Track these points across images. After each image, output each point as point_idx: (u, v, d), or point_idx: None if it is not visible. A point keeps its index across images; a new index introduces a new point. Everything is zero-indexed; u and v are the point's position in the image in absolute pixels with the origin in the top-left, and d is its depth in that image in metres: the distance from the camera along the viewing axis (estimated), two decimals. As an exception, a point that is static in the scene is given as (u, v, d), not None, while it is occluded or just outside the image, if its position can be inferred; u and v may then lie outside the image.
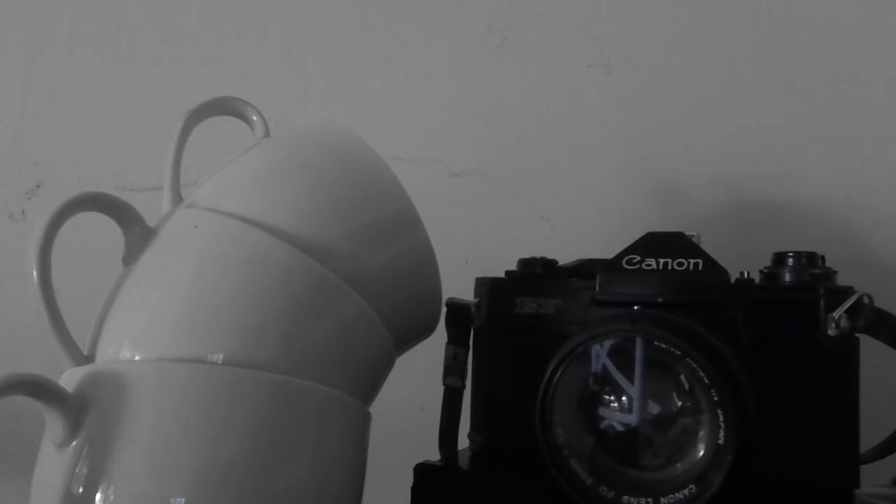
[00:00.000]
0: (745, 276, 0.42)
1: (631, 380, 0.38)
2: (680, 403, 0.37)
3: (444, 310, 0.45)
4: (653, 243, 0.41)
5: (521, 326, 0.44)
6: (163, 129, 0.44)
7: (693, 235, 0.41)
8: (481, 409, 0.46)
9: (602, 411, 0.38)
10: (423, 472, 0.43)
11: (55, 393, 0.35)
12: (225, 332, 0.36)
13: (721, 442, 0.35)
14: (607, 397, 0.38)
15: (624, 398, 0.38)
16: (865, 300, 0.39)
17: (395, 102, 0.69)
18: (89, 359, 0.38)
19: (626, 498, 0.37)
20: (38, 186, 0.78)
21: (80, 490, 0.34)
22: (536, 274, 0.46)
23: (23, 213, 0.79)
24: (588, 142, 0.64)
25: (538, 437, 0.38)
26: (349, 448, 0.39)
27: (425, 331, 0.44)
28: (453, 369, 0.47)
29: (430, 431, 0.48)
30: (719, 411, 0.35)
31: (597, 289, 0.41)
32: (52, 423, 0.35)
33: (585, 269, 0.44)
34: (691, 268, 0.40)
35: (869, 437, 0.42)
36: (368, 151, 0.42)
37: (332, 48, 0.71)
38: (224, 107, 0.45)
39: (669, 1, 0.63)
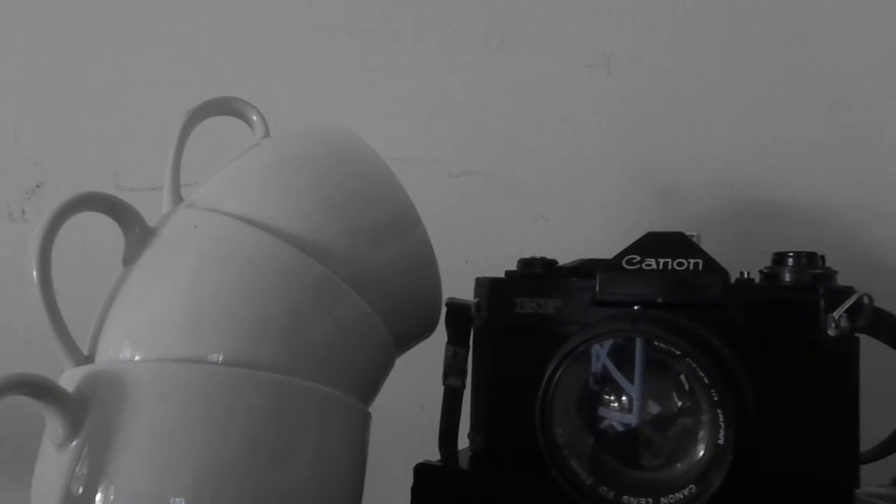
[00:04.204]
0: (745, 276, 0.42)
1: (631, 380, 0.37)
2: (680, 403, 0.37)
3: (444, 310, 0.45)
4: (653, 243, 0.41)
5: (521, 326, 0.44)
6: (163, 129, 0.44)
7: (693, 235, 0.41)
8: (481, 409, 0.46)
9: (602, 411, 0.38)
10: (423, 472, 0.43)
11: (55, 393, 0.35)
12: (225, 333, 0.36)
13: (721, 442, 0.35)
14: (607, 397, 0.38)
15: (624, 398, 0.38)
16: (865, 300, 0.39)
17: (395, 102, 0.69)
18: (89, 359, 0.38)
19: (626, 498, 0.37)
20: (38, 186, 0.78)
21: (80, 490, 0.34)
22: (536, 274, 0.46)
23: (23, 213, 0.79)
24: (588, 142, 0.64)
25: (538, 437, 0.38)
26: (349, 448, 0.39)
27: (425, 331, 0.44)
28: (453, 369, 0.47)
29: (430, 431, 0.48)
30: (719, 411, 0.35)
31: (597, 289, 0.41)
32: (52, 423, 0.35)
33: (585, 269, 0.44)
34: (691, 268, 0.40)
35: (869, 437, 0.42)
36: (368, 151, 0.42)
37: (332, 48, 0.71)
38: (224, 107, 0.45)
39: (669, 1, 0.63)
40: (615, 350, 0.38)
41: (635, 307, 0.40)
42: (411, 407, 0.61)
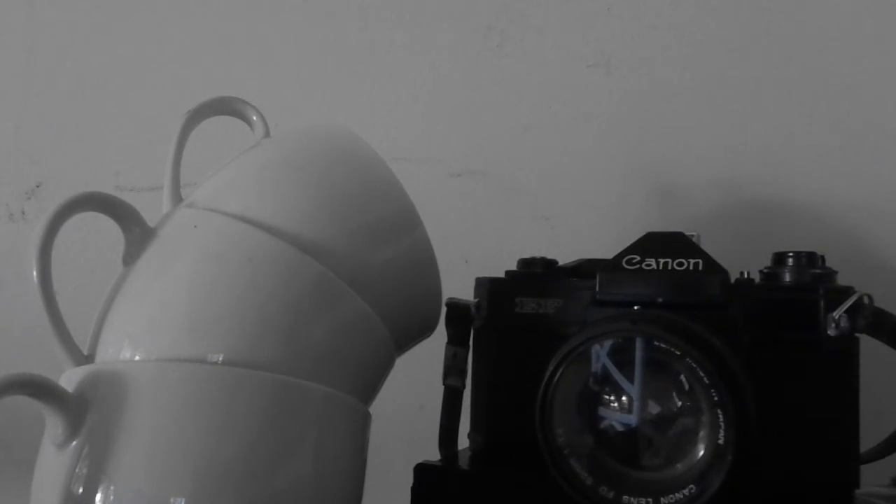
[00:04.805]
0: (745, 276, 0.42)
1: (631, 380, 0.37)
2: (680, 403, 0.37)
3: (444, 310, 0.45)
4: (653, 243, 0.41)
5: (521, 326, 0.44)
6: (163, 129, 0.44)
7: (693, 235, 0.41)
8: (481, 409, 0.46)
9: (602, 411, 0.38)
10: (423, 472, 0.43)
11: (55, 393, 0.35)
12: (225, 333, 0.36)
13: (721, 442, 0.35)
14: (607, 397, 0.38)
15: (624, 398, 0.38)
16: (865, 300, 0.39)
17: (395, 102, 0.69)
18: (89, 359, 0.38)
19: (626, 498, 0.37)
20: (38, 186, 0.78)
21: (80, 490, 0.34)
22: (536, 274, 0.46)
23: (23, 213, 0.79)
24: (588, 142, 0.64)
25: (538, 437, 0.38)
26: (349, 448, 0.39)
27: (425, 331, 0.44)
28: (453, 369, 0.47)
29: (430, 431, 0.48)
30: (719, 411, 0.35)
31: (597, 289, 0.41)
32: (52, 423, 0.35)
33: (585, 269, 0.44)
34: (691, 268, 0.40)
35: (869, 437, 0.42)
36: (368, 151, 0.42)
37: (333, 48, 0.71)
38: (224, 107, 0.45)
39: (669, 1, 0.63)
40: (615, 350, 0.38)
41: (635, 307, 0.40)
42: (411, 407, 0.61)
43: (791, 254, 0.42)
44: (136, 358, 0.36)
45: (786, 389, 0.39)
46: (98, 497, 0.34)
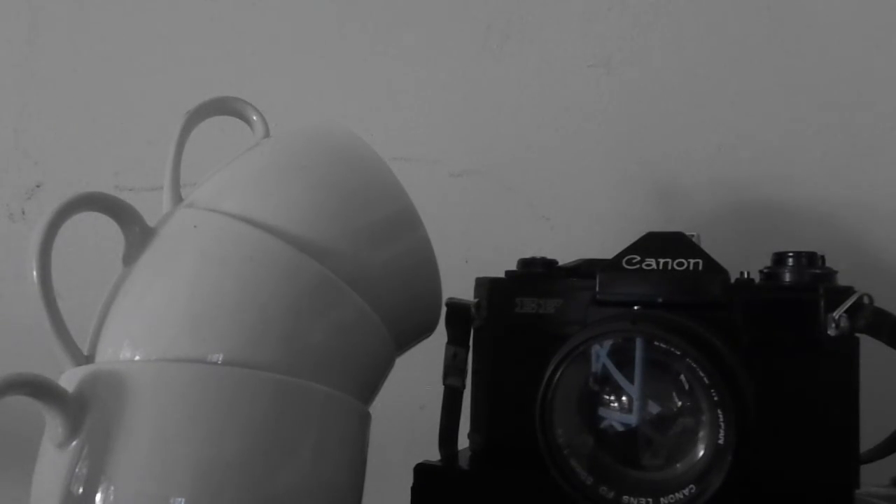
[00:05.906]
0: (745, 276, 0.42)
1: (631, 380, 0.37)
2: (680, 403, 0.37)
3: (444, 310, 0.45)
4: (653, 243, 0.41)
5: (521, 326, 0.44)
6: (163, 129, 0.44)
7: (693, 235, 0.41)
8: (481, 409, 0.46)
9: (602, 411, 0.38)
10: (423, 472, 0.43)
11: (55, 393, 0.34)
12: (225, 333, 0.36)
13: (721, 442, 0.35)
14: (607, 397, 0.38)
15: (624, 398, 0.38)
16: (865, 300, 0.39)
17: (396, 102, 0.69)
18: (89, 359, 0.38)
19: (626, 498, 0.37)
20: (38, 186, 0.78)
21: (80, 490, 0.34)
22: (536, 274, 0.46)
23: (23, 213, 0.79)
24: (588, 142, 0.64)
25: (538, 437, 0.38)
26: (349, 448, 0.39)
27: (425, 331, 0.44)
28: (453, 369, 0.47)
29: (431, 431, 0.48)
30: (719, 411, 0.35)
31: (597, 289, 0.41)
32: (52, 423, 0.35)
33: (585, 269, 0.44)
34: (691, 268, 0.40)
35: (869, 437, 0.42)
36: (368, 151, 0.42)
37: (332, 48, 0.71)
38: (224, 107, 0.45)
39: (669, 1, 0.63)
40: (615, 350, 0.38)
41: (635, 307, 0.40)
42: (411, 407, 0.61)
43: (791, 254, 0.42)
44: (136, 358, 0.36)
45: (786, 389, 0.39)
46: (98, 497, 0.34)
